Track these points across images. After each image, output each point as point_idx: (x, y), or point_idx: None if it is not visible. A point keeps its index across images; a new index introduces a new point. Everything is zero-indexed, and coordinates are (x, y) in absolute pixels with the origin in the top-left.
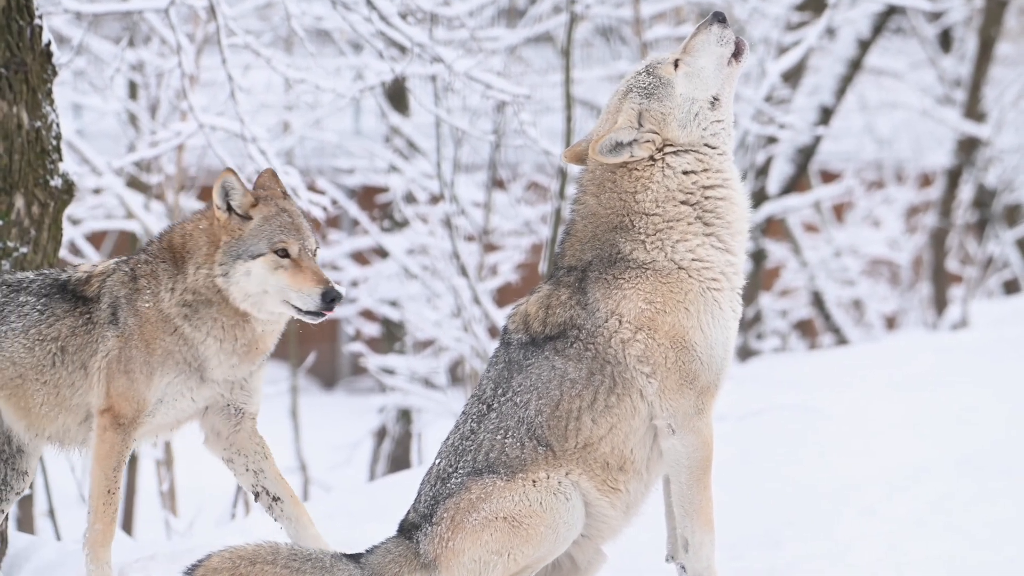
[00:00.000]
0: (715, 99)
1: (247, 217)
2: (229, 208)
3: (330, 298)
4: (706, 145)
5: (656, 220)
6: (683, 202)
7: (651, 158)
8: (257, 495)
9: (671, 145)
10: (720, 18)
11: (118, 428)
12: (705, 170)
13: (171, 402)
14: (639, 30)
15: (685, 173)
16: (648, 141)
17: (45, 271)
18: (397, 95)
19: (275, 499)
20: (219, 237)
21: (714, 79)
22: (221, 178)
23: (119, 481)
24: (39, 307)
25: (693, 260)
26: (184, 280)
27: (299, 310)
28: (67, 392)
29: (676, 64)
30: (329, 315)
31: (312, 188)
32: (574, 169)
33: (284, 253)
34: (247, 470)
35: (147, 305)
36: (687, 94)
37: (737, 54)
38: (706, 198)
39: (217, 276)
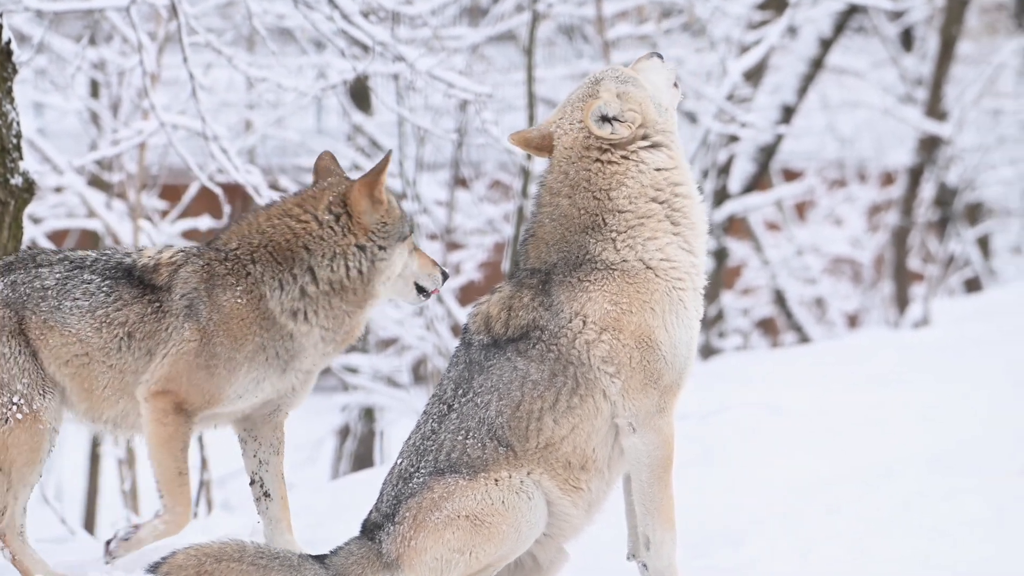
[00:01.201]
0: (669, 107)
1: (379, 201)
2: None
3: (445, 278)
4: (672, 143)
5: (628, 217)
6: (653, 199)
7: (624, 154)
8: (252, 482)
9: (646, 137)
10: (660, 56)
11: (181, 413)
12: (675, 167)
13: (249, 396)
14: (601, 29)
15: (658, 170)
16: (628, 120)
17: (108, 251)
18: (360, 94)
19: (266, 494)
20: (367, 224)
21: (666, 92)
22: (386, 166)
23: (187, 462)
24: (105, 288)
25: (662, 260)
26: (305, 274)
27: (423, 291)
28: (131, 378)
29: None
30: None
31: (274, 187)
32: (538, 167)
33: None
34: (255, 456)
35: (238, 301)
36: (652, 91)
37: (676, 84)
38: (675, 196)
39: (368, 262)
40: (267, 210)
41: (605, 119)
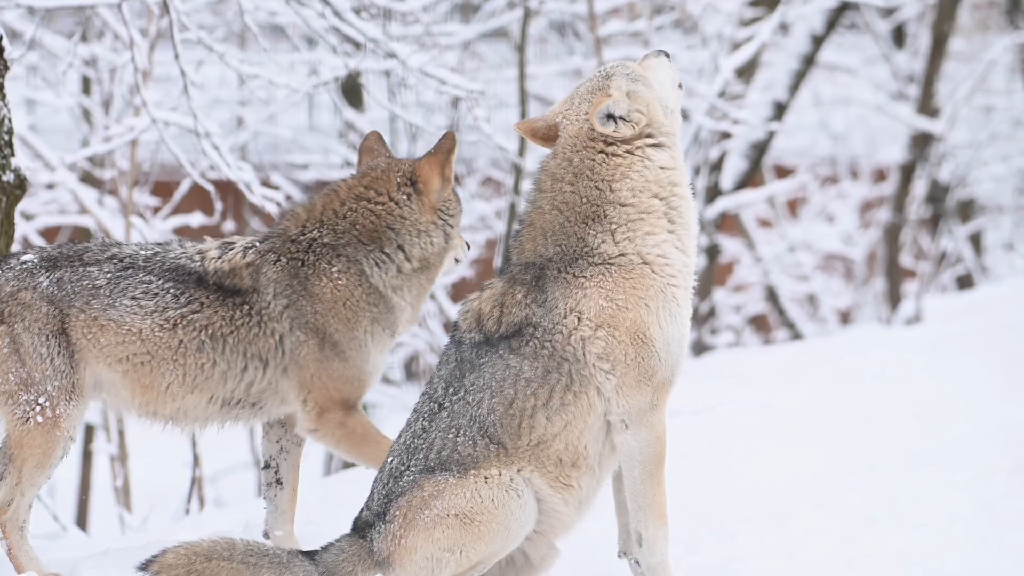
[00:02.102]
0: (674, 110)
1: (448, 180)
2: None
3: (468, 248)
4: (675, 144)
5: (630, 211)
6: (655, 195)
7: (629, 149)
8: (267, 466)
9: (651, 136)
10: (666, 54)
11: (347, 408)
12: (676, 168)
13: (378, 371)
14: (593, 26)
15: (662, 168)
16: (633, 121)
17: (154, 248)
18: (351, 90)
19: (279, 482)
20: (435, 202)
21: (671, 92)
22: (454, 146)
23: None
24: (173, 291)
25: (658, 256)
26: (398, 252)
27: (457, 262)
28: (211, 375)
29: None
30: None
31: (266, 183)
32: (531, 163)
33: None
34: (277, 442)
35: (339, 283)
36: (660, 92)
37: (680, 85)
38: (673, 195)
39: (444, 238)
40: (334, 194)
41: (611, 117)
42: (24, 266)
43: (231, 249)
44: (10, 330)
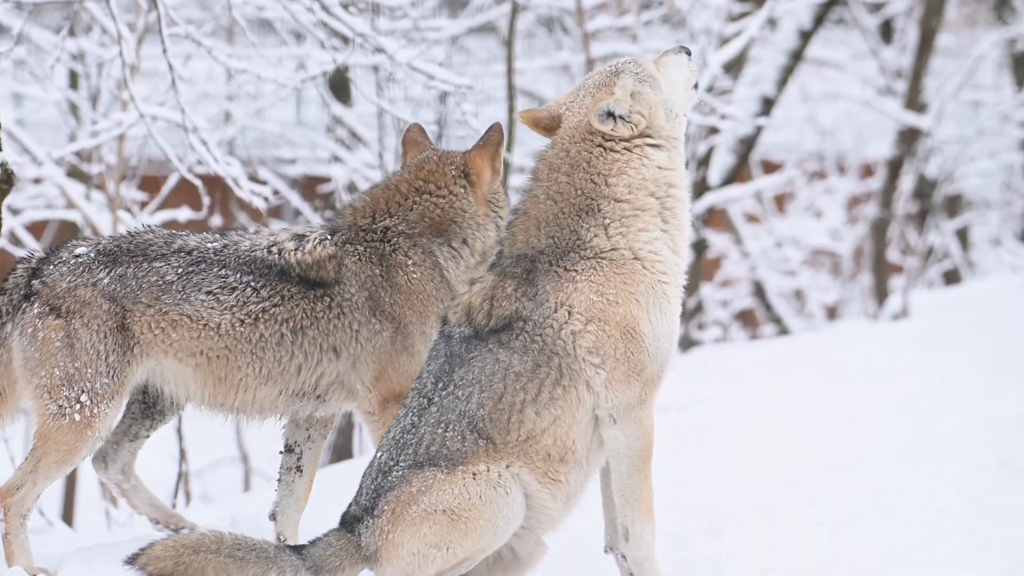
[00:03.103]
0: (683, 112)
1: (498, 171)
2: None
3: None
4: (675, 148)
5: (624, 207)
6: (651, 194)
7: (628, 146)
8: (290, 450)
9: (650, 136)
10: (688, 51)
11: (400, 402)
12: (673, 169)
13: None
14: (581, 21)
15: (659, 168)
16: (632, 122)
17: (215, 238)
18: (339, 85)
19: (298, 468)
20: (486, 193)
21: (683, 94)
22: (503, 138)
23: None
24: (253, 284)
25: (650, 252)
26: (463, 245)
27: None
28: (288, 368)
29: (657, 67)
30: None
31: (254, 178)
32: (518, 159)
33: None
34: (306, 429)
35: (415, 276)
36: (669, 95)
37: (696, 85)
38: (668, 196)
39: (497, 229)
40: (394, 188)
41: (611, 115)
42: (79, 260)
43: (308, 241)
44: (67, 324)
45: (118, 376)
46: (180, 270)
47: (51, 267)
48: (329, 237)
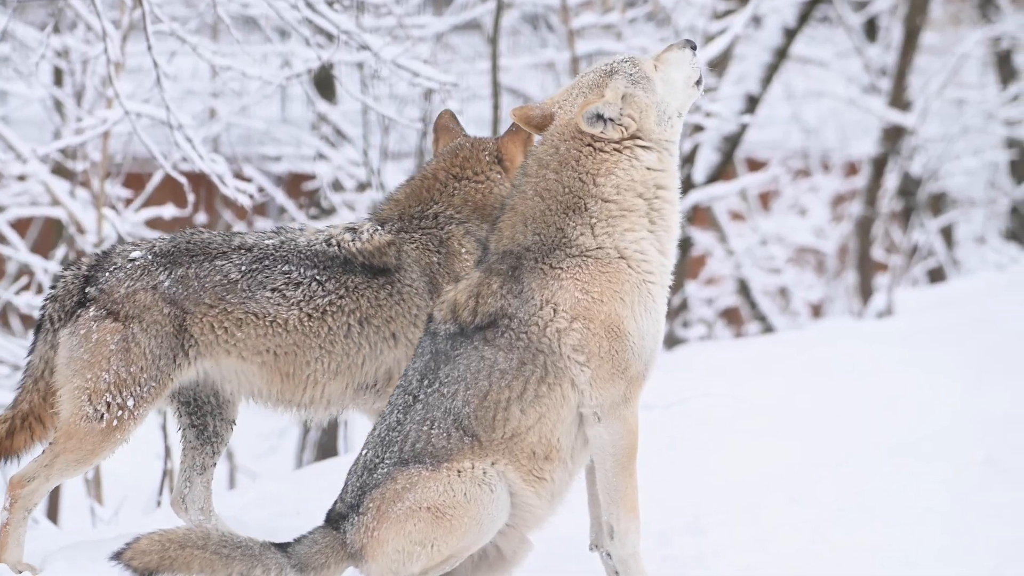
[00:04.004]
0: (679, 112)
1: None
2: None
3: None
4: (666, 149)
5: (611, 207)
6: (639, 195)
7: (617, 147)
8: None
9: (640, 138)
10: (693, 45)
11: None
12: (663, 171)
13: None
14: (566, 18)
15: (648, 169)
16: (622, 125)
17: (270, 235)
18: (324, 82)
19: None
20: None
21: (681, 93)
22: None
23: None
24: (318, 278)
25: (636, 251)
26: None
27: None
28: (355, 360)
29: (655, 67)
30: None
31: (239, 175)
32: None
33: None
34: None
35: (469, 264)
36: (664, 97)
37: (699, 82)
38: (656, 197)
39: None
40: (432, 176)
41: (600, 118)
42: (135, 263)
43: (363, 232)
44: (124, 329)
45: (163, 381)
46: (244, 268)
47: (107, 273)
48: (381, 227)
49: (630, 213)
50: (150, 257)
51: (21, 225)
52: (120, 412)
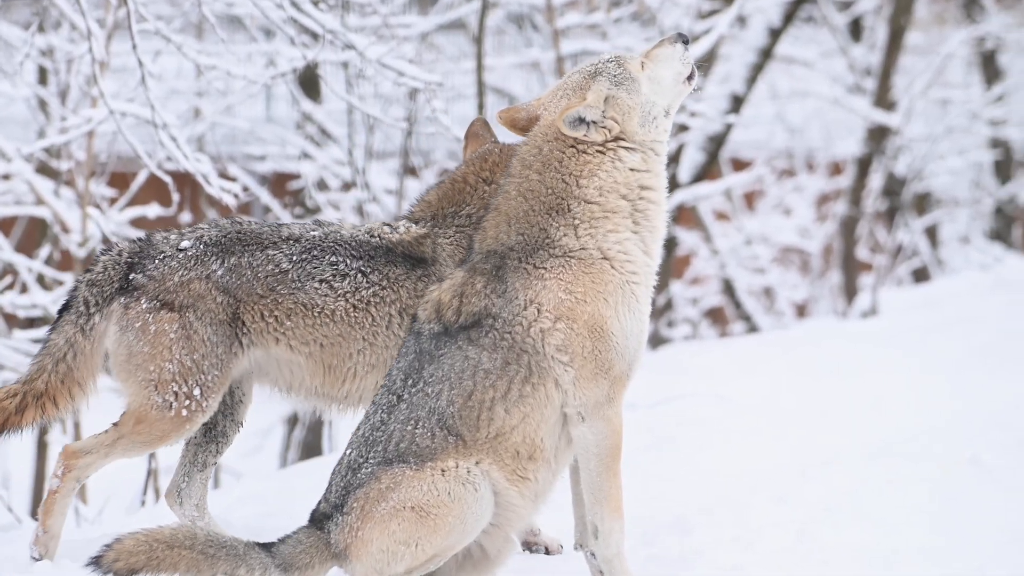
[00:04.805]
0: (667, 110)
1: None
2: None
3: None
4: (652, 149)
5: (594, 209)
6: (623, 196)
7: (601, 148)
8: None
9: (624, 140)
10: (685, 39)
11: None
12: (648, 171)
13: None
14: (551, 18)
15: (632, 170)
16: (606, 127)
17: (313, 227)
18: (309, 82)
19: None
20: None
21: (670, 91)
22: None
23: None
24: (363, 269)
25: (619, 252)
26: None
27: None
28: (392, 353)
29: (642, 66)
30: None
31: (223, 175)
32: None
33: None
34: None
35: None
36: (649, 96)
37: (690, 77)
38: (640, 198)
39: None
40: (461, 180)
41: (582, 121)
42: (187, 253)
43: (400, 226)
44: (181, 318)
45: (225, 369)
46: (294, 258)
47: (156, 261)
48: (415, 225)
49: (613, 215)
50: (201, 247)
51: (5, 224)
52: (188, 402)
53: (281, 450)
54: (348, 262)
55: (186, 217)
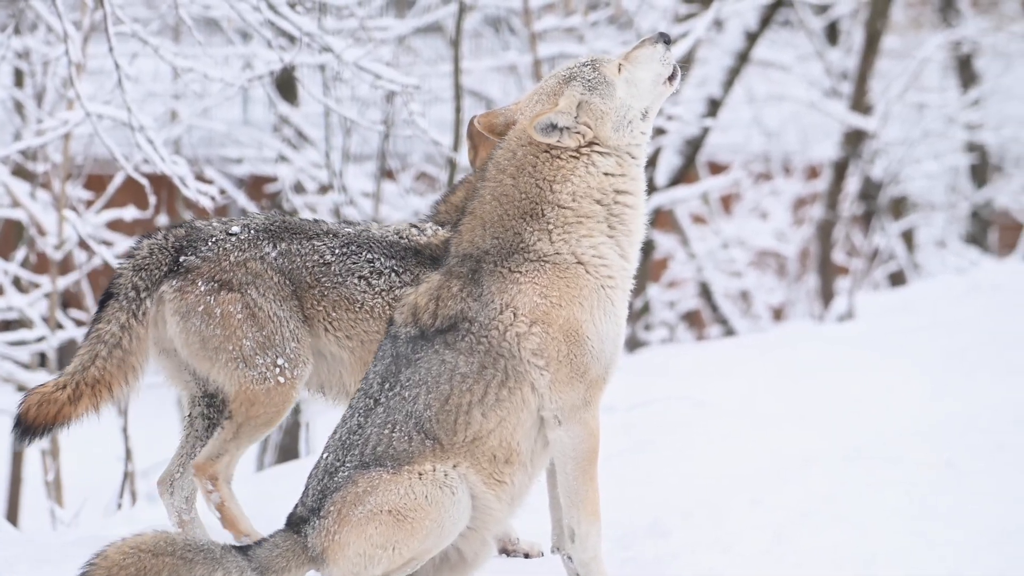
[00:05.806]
0: (645, 112)
1: None
2: None
3: None
4: (628, 153)
5: (568, 214)
6: (597, 201)
7: (575, 153)
8: None
9: (598, 144)
10: (666, 39)
11: None
12: (623, 175)
13: None
14: (528, 21)
15: (606, 175)
16: (579, 133)
17: (347, 225)
18: (286, 84)
19: None
20: None
21: (649, 93)
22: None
23: None
24: (396, 268)
25: (594, 256)
26: None
27: None
28: None
29: (619, 68)
30: None
31: (200, 178)
32: (465, 159)
33: None
34: None
35: None
36: (625, 100)
37: (672, 77)
38: (616, 203)
39: None
40: (474, 184)
41: (554, 127)
42: (238, 236)
43: (426, 228)
44: (243, 296)
45: (303, 341)
46: (336, 252)
47: (208, 243)
48: (441, 227)
49: (587, 219)
50: (252, 232)
51: None
52: (279, 371)
53: (258, 453)
54: (383, 260)
55: (163, 220)
